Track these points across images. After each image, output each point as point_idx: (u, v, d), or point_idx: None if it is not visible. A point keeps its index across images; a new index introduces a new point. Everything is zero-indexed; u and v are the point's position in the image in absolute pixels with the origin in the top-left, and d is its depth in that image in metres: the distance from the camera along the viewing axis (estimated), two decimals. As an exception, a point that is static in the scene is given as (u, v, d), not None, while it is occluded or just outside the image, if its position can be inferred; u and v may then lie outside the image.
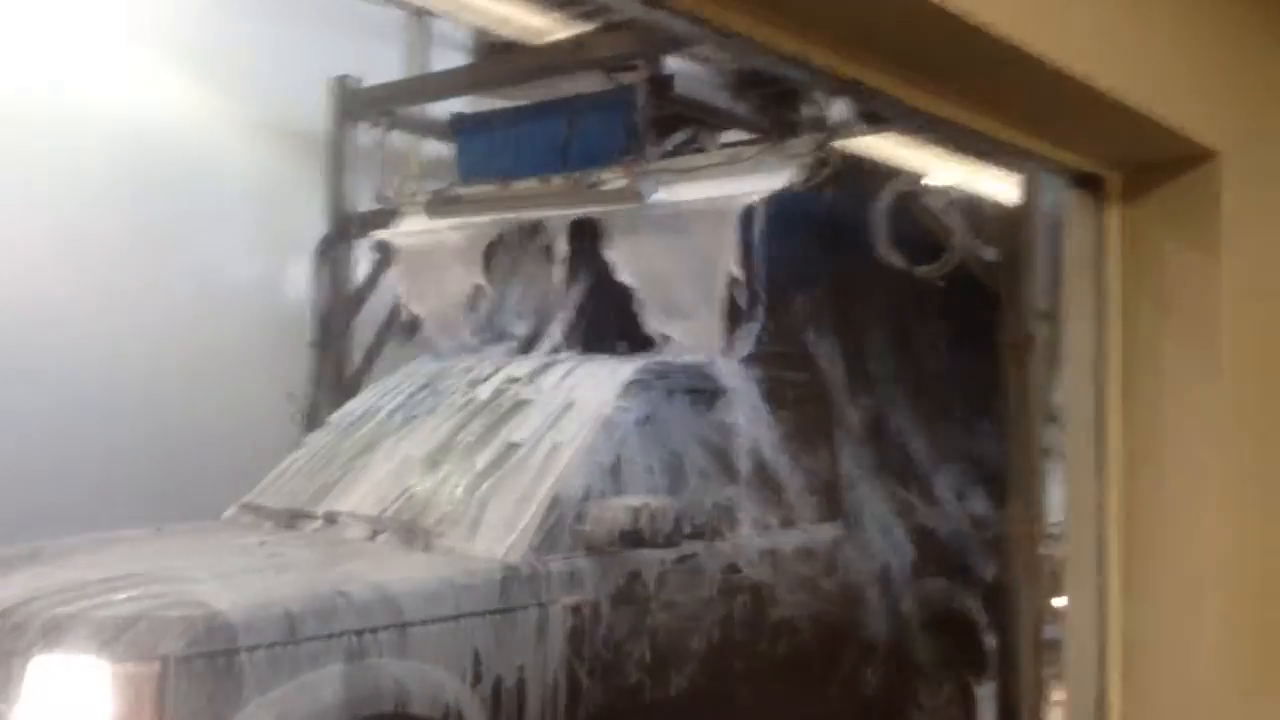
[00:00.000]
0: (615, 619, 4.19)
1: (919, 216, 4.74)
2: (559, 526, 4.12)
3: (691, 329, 5.18)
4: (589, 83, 6.59)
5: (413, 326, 6.62)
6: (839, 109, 4.91)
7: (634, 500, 4.20)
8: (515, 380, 4.95)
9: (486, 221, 6.02)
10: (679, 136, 5.94)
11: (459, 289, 6.10)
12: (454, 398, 5.02)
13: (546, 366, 4.99)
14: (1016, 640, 4.71)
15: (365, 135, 7.26)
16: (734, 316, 5.11)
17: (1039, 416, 4.66)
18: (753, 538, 4.80)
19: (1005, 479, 4.79)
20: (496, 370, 5.12)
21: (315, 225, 7.21)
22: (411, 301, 6.51)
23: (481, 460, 4.48)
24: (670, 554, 4.36)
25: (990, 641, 5.57)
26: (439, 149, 7.80)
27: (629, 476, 4.43)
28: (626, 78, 6.43)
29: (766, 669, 4.78)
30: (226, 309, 7.04)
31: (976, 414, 6.15)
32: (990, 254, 4.67)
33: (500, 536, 4.09)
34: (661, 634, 4.37)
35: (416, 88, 7.11)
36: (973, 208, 4.59)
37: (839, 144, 4.83)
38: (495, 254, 5.98)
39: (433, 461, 4.63)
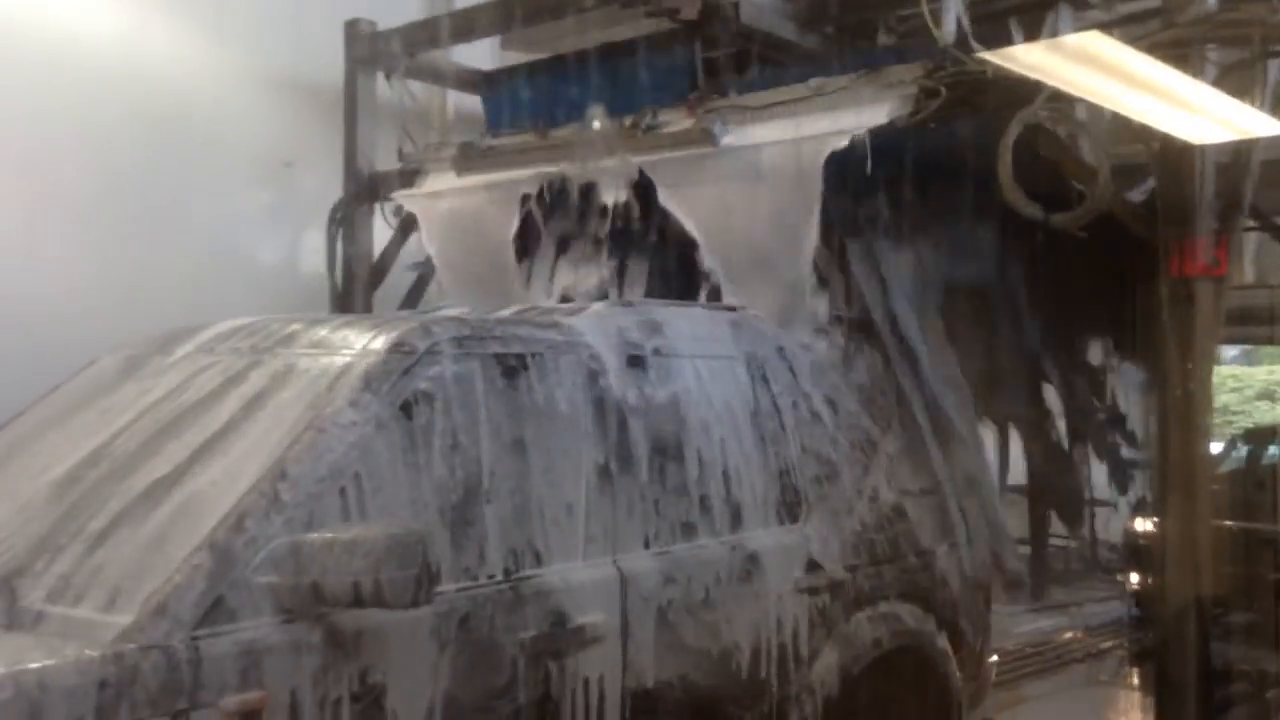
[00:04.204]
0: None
1: (1053, 153, 3.93)
2: (233, 582, 2.60)
3: (765, 294, 4.40)
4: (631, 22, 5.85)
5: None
6: (950, 26, 4.09)
7: (354, 533, 2.63)
8: (246, 352, 3.30)
9: (525, 175, 5.29)
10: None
11: (494, 250, 5.35)
12: (148, 383, 3.33)
13: (303, 329, 3.35)
14: (1178, 654, 3.97)
15: (386, 89, 6.56)
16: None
17: (1205, 387, 3.89)
18: (606, 565, 3.24)
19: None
20: (230, 337, 3.44)
21: (333, 188, 6.55)
22: (443, 270, 5.84)
23: (133, 485, 2.88)
24: (436, 610, 2.79)
25: (959, 679, 4.15)
26: (466, 100, 7.10)
27: (381, 496, 2.88)
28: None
29: None
30: (237, 284, 6.37)
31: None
32: (1141, 195, 3.88)
33: (117, 604, 2.56)
34: None
35: (437, 30, 6.35)
36: (1122, 138, 3.79)
37: (955, 67, 4.00)
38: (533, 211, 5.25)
39: (66, 487, 2.97)
